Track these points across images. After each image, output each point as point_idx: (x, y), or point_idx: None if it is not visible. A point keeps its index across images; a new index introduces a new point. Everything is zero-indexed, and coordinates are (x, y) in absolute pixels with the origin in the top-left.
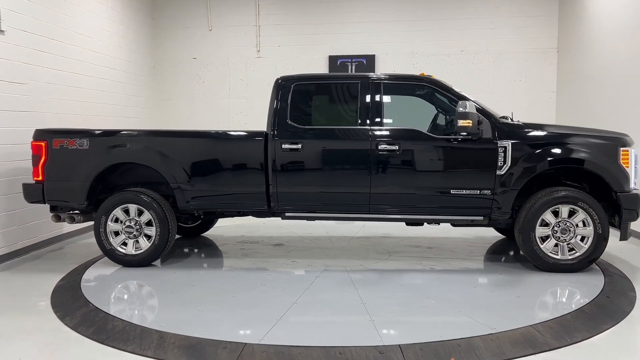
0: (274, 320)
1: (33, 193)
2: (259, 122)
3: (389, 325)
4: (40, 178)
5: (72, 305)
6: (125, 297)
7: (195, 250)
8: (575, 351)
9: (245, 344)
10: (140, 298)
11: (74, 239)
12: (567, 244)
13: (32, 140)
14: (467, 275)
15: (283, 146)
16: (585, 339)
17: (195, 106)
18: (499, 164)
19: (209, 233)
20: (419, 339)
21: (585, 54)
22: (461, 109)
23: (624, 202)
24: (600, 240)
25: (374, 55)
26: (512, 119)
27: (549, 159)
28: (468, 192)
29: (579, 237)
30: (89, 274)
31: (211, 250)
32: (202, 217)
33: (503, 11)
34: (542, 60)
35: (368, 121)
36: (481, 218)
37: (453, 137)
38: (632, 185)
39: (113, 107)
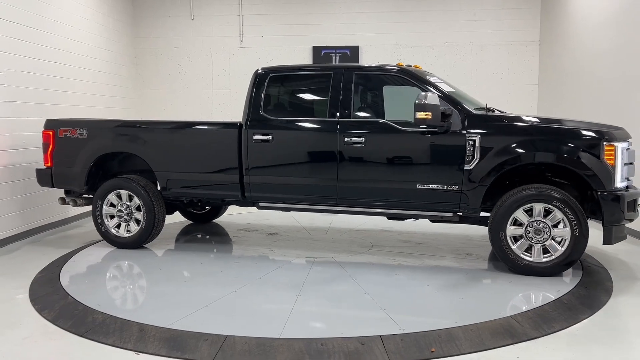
0: (199, 306)
1: (44, 178)
2: (242, 112)
3: (302, 316)
4: (49, 164)
5: (50, 298)
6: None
7: (199, 235)
8: (554, 340)
9: (227, 336)
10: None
11: (54, 230)
12: (542, 246)
13: (43, 129)
14: (429, 274)
15: (254, 137)
16: (564, 329)
17: (177, 96)
18: (467, 158)
19: (220, 219)
20: (322, 334)
21: (566, 46)
22: (418, 100)
23: (604, 203)
24: (578, 243)
25: (357, 47)
26: (493, 110)
27: (517, 154)
28: (435, 186)
29: (556, 239)
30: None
31: (203, 237)
32: (199, 204)
33: (486, 3)
34: (525, 52)
35: (337, 113)
36: (450, 214)
37: (420, 129)
38: (618, 184)
39: (93, 96)
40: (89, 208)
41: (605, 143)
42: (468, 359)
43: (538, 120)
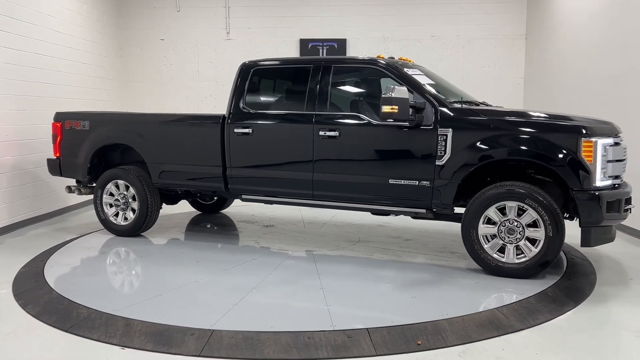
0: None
1: (54, 167)
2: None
3: (245, 308)
4: (58, 155)
5: (35, 293)
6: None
7: (201, 225)
8: (538, 332)
9: (214, 330)
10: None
11: (38, 224)
12: (515, 246)
13: (52, 121)
14: (398, 271)
15: (235, 130)
16: (548, 321)
17: (163, 88)
18: (439, 154)
19: (228, 210)
20: (255, 326)
21: (552, 40)
22: (385, 93)
23: (580, 202)
24: (553, 244)
25: (345, 40)
26: (484, 104)
27: (490, 150)
28: (406, 182)
29: (530, 239)
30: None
31: (202, 227)
32: (198, 195)
33: None
34: (511, 46)
35: (313, 106)
36: (423, 211)
37: (393, 123)
38: (598, 183)
39: (77, 88)
40: (80, 199)
41: (583, 139)
42: (454, 351)
43: (514, 114)
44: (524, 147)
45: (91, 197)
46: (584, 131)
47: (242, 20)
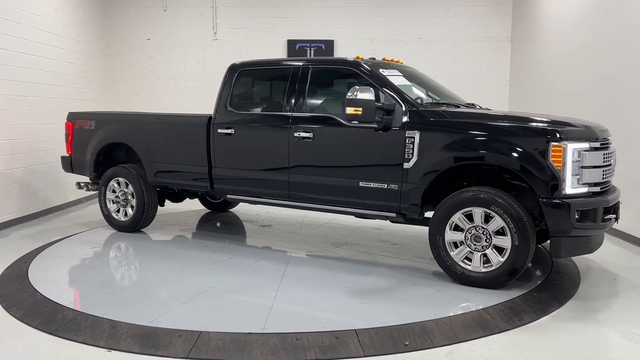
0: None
1: (66, 164)
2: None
3: (192, 306)
4: (69, 152)
5: (18, 295)
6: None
7: (208, 222)
8: (524, 332)
9: (201, 332)
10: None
11: (22, 225)
12: (482, 254)
13: (65, 120)
14: (364, 274)
15: (218, 130)
16: (534, 321)
17: (149, 89)
18: (407, 157)
19: (236, 209)
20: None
21: (537, 43)
22: (350, 95)
23: (547, 211)
24: (520, 254)
25: (332, 41)
26: (473, 105)
27: (452, 154)
28: (376, 185)
29: (497, 247)
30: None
31: (201, 225)
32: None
33: (459, 0)
34: (496, 49)
35: (290, 107)
36: (394, 215)
37: (362, 125)
38: (568, 190)
39: (62, 88)
40: (64, 200)
41: (553, 143)
42: (441, 351)
43: (484, 116)
44: (488, 152)
45: (86, 196)
46: (553, 135)
47: (230, 21)
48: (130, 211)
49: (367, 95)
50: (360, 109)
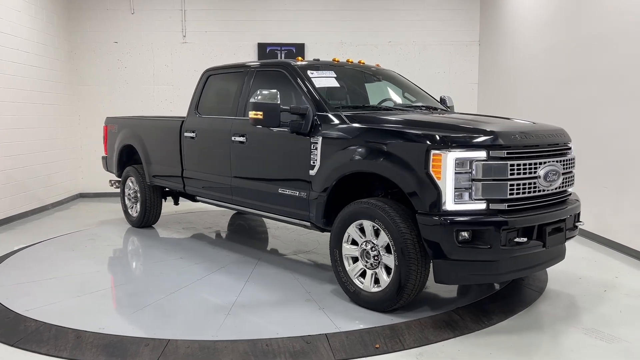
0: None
1: (104, 164)
2: (185, 109)
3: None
4: (106, 153)
5: None
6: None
7: (219, 223)
8: (493, 332)
9: (169, 340)
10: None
11: None
12: (374, 272)
13: (104, 124)
14: (295, 280)
15: (185, 134)
16: (502, 321)
17: (117, 92)
18: (312, 164)
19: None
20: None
21: (503, 47)
22: (252, 98)
23: (422, 229)
24: (404, 275)
25: (303, 44)
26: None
27: (344, 162)
28: (290, 192)
29: (386, 266)
30: None
31: (209, 226)
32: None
33: (429, 3)
34: (465, 52)
35: (235, 111)
36: (308, 224)
37: (283, 130)
38: (448, 206)
39: (26, 92)
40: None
41: (433, 151)
42: (412, 353)
43: (382, 121)
44: (369, 159)
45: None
46: (433, 142)
47: (199, 24)
48: (139, 208)
49: (270, 98)
50: (261, 112)
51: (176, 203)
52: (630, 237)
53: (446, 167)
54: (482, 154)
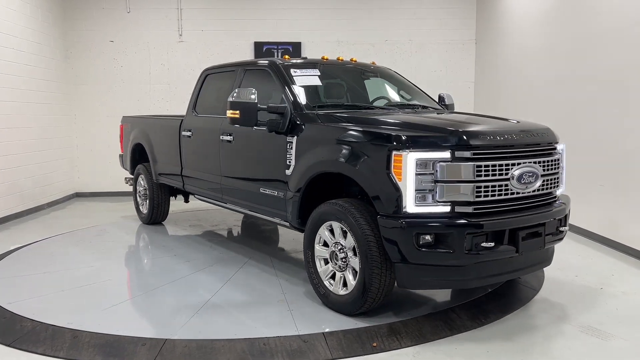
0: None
1: (121, 162)
2: (181, 108)
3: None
4: (122, 151)
5: None
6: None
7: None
8: (490, 330)
9: (166, 339)
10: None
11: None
12: (342, 275)
13: (120, 123)
14: (274, 282)
15: (182, 133)
16: (499, 319)
17: (113, 92)
18: (287, 163)
19: None
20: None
21: (500, 45)
22: (229, 97)
23: (382, 231)
24: (368, 278)
25: (300, 43)
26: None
27: (314, 162)
28: (270, 192)
29: (352, 268)
30: None
31: (222, 225)
32: None
33: (425, 2)
34: (462, 51)
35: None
36: (287, 224)
37: (262, 130)
38: (409, 209)
39: (22, 92)
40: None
41: (394, 152)
42: (409, 352)
43: (353, 120)
44: (335, 160)
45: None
46: (394, 141)
47: (195, 23)
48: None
49: (247, 97)
50: (238, 112)
51: (186, 201)
52: (627, 235)
53: (407, 168)
54: (445, 155)
